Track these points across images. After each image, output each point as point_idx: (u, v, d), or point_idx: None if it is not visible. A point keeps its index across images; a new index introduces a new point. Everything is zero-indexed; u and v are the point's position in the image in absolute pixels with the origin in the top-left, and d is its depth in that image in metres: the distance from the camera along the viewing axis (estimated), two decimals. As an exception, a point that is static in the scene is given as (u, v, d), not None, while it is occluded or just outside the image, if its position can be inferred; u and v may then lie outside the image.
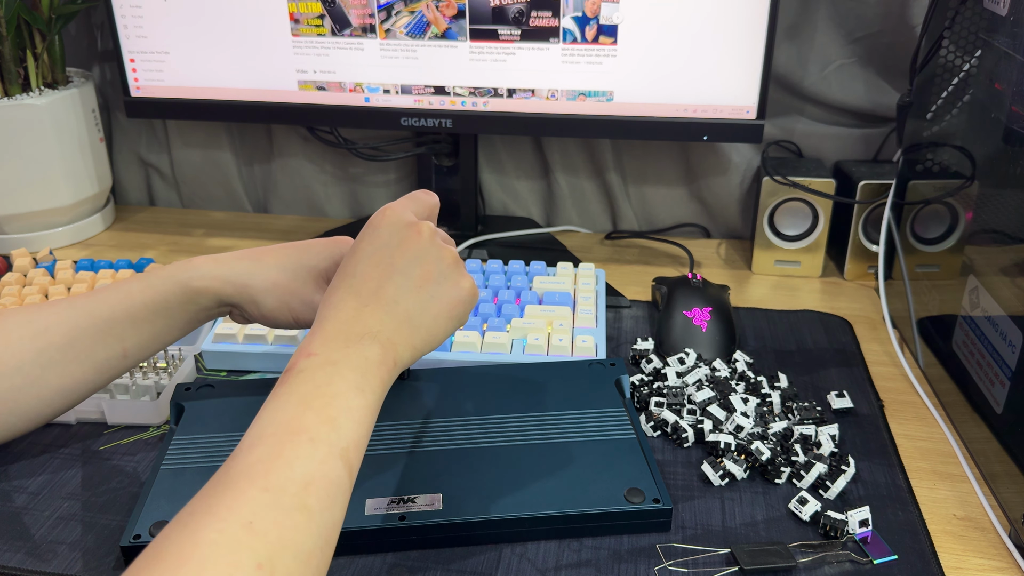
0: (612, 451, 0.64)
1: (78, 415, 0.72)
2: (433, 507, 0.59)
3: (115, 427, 0.71)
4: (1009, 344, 0.64)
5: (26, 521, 0.62)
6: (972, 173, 0.75)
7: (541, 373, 0.72)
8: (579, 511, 0.59)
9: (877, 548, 0.59)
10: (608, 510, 0.59)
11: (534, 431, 0.66)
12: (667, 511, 0.60)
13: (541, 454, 0.63)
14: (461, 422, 0.67)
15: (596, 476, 0.62)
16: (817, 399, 0.75)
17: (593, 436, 0.65)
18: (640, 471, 0.62)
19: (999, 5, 0.68)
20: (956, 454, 0.69)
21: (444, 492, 0.60)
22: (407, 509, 0.59)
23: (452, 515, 0.58)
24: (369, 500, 0.59)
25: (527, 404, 0.68)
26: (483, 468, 0.62)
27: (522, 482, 0.61)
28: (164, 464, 0.63)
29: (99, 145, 1.07)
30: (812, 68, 0.99)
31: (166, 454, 0.64)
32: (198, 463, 0.63)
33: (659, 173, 1.07)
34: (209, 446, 0.65)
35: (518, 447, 0.64)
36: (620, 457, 0.63)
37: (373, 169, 1.12)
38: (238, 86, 0.95)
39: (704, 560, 0.58)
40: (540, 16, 0.87)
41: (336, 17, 0.90)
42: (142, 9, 0.92)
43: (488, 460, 0.63)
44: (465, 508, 0.59)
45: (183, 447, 0.65)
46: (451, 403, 0.69)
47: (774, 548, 0.58)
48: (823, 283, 0.97)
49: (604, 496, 0.60)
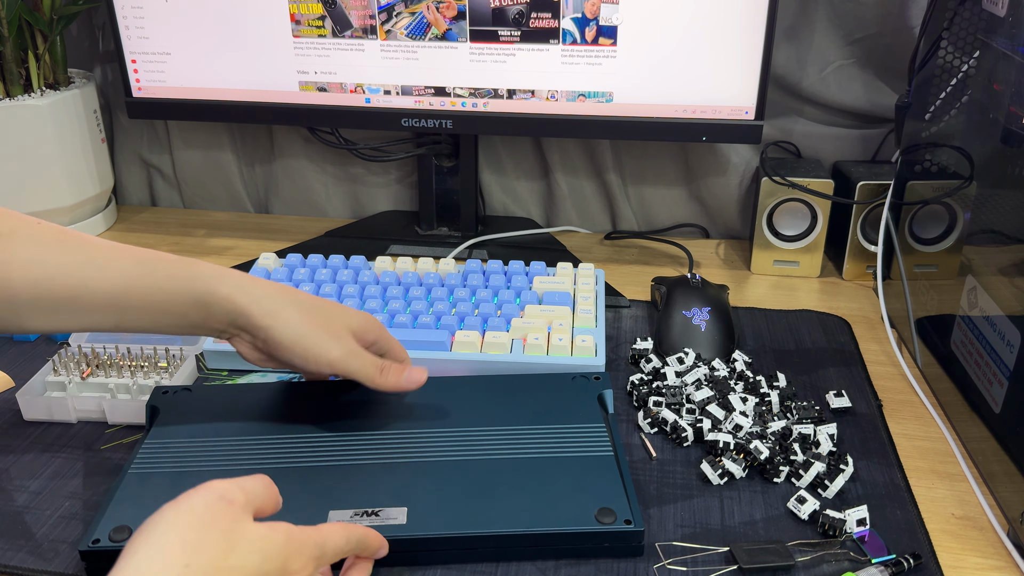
0: (588, 468, 0.61)
1: (79, 415, 0.72)
2: (396, 521, 0.57)
3: (116, 426, 0.72)
4: (1007, 344, 0.64)
5: (27, 520, 0.62)
6: (970, 173, 0.75)
7: (523, 385, 0.70)
8: (545, 530, 0.57)
9: (875, 547, 0.59)
10: (576, 530, 0.57)
11: (509, 445, 0.64)
12: (639, 534, 0.57)
13: (514, 470, 0.61)
14: (433, 434, 0.65)
15: (567, 494, 0.59)
16: (816, 398, 0.75)
17: (569, 452, 0.63)
18: (615, 490, 0.59)
19: (997, 6, 0.69)
20: (954, 453, 0.70)
21: (410, 506, 0.58)
22: (370, 522, 0.57)
23: (414, 530, 0.56)
24: (332, 511, 0.58)
25: (504, 417, 0.66)
26: (453, 482, 0.60)
27: (491, 497, 0.59)
28: (132, 468, 0.62)
29: (100, 146, 1.07)
30: (811, 69, 0.99)
31: (135, 459, 0.63)
32: (166, 468, 0.62)
33: (658, 173, 1.07)
34: (178, 452, 0.64)
35: (490, 461, 0.62)
36: (595, 475, 0.61)
37: (374, 170, 1.12)
38: (239, 87, 0.95)
39: (703, 559, 0.58)
40: (540, 17, 0.87)
41: (337, 18, 0.90)
42: (144, 10, 0.93)
43: (458, 474, 0.61)
44: (429, 523, 0.57)
45: (152, 452, 0.64)
46: (425, 413, 0.67)
47: (773, 547, 0.58)
48: (822, 283, 0.97)
49: (574, 515, 0.57)
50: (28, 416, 0.72)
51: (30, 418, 0.72)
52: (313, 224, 1.12)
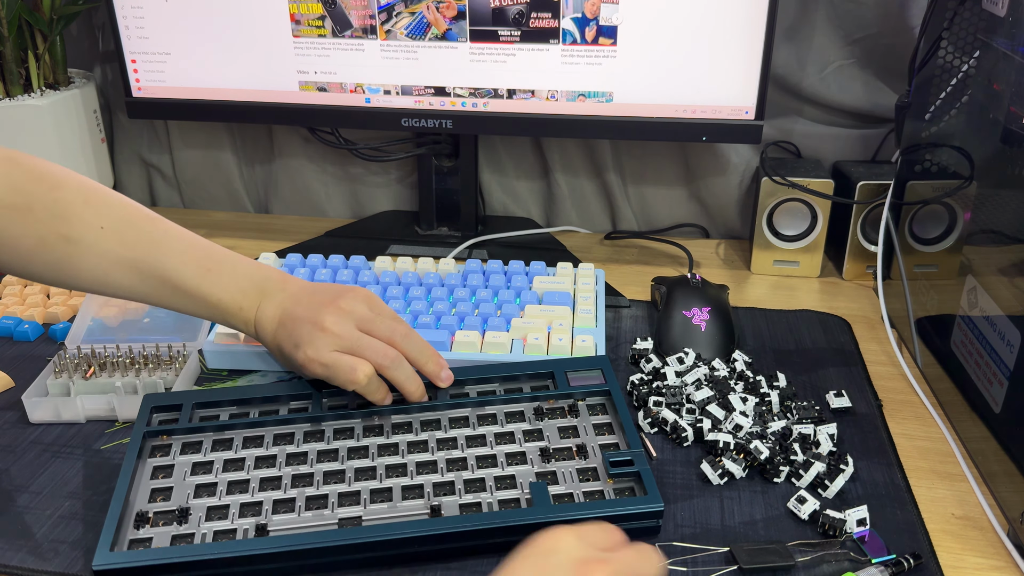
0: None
1: (88, 414, 0.72)
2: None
3: (120, 425, 0.72)
4: (1007, 344, 0.64)
5: (28, 520, 0.62)
6: (970, 173, 0.75)
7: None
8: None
9: (875, 547, 0.59)
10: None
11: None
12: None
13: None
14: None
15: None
16: (816, 398, 0.75)
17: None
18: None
19: (997, 6, 0.69)
20: (954, 453, 0.70)
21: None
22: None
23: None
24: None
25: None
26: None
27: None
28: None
29: (100, 146, 1.07)
30: (811, 69, 0.99)
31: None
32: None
33: (658, 173, 1.07)
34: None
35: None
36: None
37: (374, 169, 1.12)
38: (239, 87, 0.95)
39: (703, 559, 0.58)
40: (540, 17, 0.87)
41: (337, 18, 0.90)
42: (143, 10, 0.93)
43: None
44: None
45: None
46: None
47: (773, 547, 0.58)
48: (822, 283, 0.97)
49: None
50: (34, 419, 0.72)
51: (36, 420, 0.72)
52: (313, 224, 1.12)
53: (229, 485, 0.62)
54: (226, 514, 0.59)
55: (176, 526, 0.58)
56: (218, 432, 0.66)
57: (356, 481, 0.62)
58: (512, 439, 0.66)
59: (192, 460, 0.64)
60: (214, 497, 0.61)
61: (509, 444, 0.65)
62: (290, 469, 0.63)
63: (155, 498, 0.61)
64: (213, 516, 0.59)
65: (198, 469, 0.63)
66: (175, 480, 0.62)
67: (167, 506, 0.60)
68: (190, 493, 0.61)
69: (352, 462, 0.63)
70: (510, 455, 0.64)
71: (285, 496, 0.61)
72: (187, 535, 0.58)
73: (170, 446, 0.65)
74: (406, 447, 0.65)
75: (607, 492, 0.60)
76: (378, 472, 0.62)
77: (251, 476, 0.62)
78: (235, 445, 0.65)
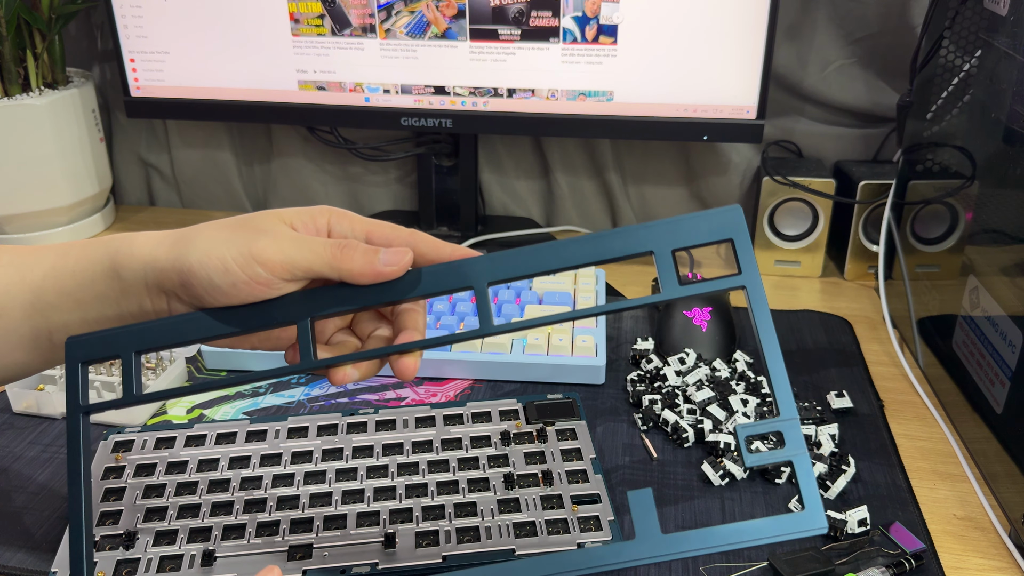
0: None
1: (62, 410, 0.73)
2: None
3: (115, 428, 0.71)
4: (1009, 344, 0.64)
5: (26, 521, 0.62)
6: (972, 173, 0.75)
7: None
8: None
9: (905, 539, 0.59)
10: None
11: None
12: None
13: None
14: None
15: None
16: (817, 399, 0.75)
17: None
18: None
19: (999, 5, 0.68)
20: (956, 454, 0.70)
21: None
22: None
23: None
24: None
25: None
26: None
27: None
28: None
29: (99, 145, 1.07)
30: (812, 68, 0.99)
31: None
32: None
33: (659, 173, 1.07)
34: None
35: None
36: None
37: (373, 169, 1.12)
38: (238, 86, 0.95)
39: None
40: (540, 16, 0.87)
41: (336, 17, 0.90)
42: (142, 9, 0.92)
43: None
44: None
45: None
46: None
47: (809, 553, 0.57)
48: (823, 283, 0.97)
49: None
50: (17, 408, 0.73)
51: (19, 410, 0.73)
52: (312, 224, 1.12)
53: (180, 510, 0.60)
54: (174, 539, 0.58)
55: (123, 551, 0.57)
56: (173, 455, 0.65)
57: (310, 507, 0.60)
58: (476, 464, 0.64)
59: (144, 483, 0.62)
60: (163, 521, 0.59)
61: (473, 470, 0.63)
62: (243, 494, 0.61)
63: (104, 521, 0.59)
64: (161, 541, 0.58)
65: (150, 492, 0.62)
66: (125, 503, 0.61)
67: (115, 530, 0.59)
68: (139, 517, 0.60)
69: (308, 487, 0.62)
70: (472, 481, 0.62)
71: (236, 522, 0.59)
72: (132, 560, 0.56)
73: (123, 468, 0.64)
74: (365, 472, 0.63)
75: (571, 521, 0.59)
76: (333, 498, 0.61)
77: (202, 500, 0.61)
78: (189, 469, 0.64)
